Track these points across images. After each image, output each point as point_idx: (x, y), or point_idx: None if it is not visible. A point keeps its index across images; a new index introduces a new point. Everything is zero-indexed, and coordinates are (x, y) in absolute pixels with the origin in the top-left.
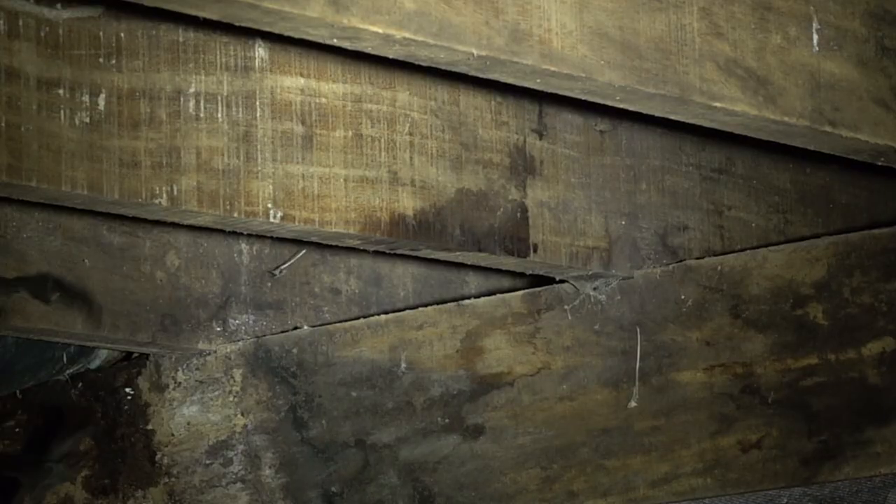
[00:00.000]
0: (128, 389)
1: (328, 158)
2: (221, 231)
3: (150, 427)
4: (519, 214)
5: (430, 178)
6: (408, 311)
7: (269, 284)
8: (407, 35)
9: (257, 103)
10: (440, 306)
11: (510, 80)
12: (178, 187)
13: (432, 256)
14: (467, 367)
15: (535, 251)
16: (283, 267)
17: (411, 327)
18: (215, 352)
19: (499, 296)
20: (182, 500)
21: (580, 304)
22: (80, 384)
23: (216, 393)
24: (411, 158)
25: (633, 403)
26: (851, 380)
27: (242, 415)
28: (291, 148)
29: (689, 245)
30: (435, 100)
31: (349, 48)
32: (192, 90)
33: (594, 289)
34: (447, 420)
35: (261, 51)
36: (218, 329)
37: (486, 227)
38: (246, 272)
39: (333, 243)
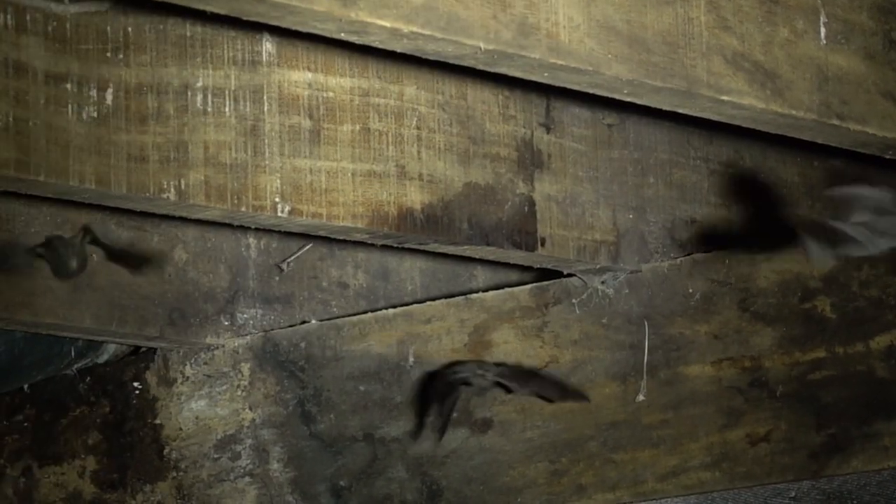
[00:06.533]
0: (136, 384)
1: (336, 152)
2: (229, 225)
3: (158, 421)
4: (527, 208)
5: (437, 172)
6: (416, 305)
7: (277, 278)
8: (414, 29)
9: (265, 97)
10: (448, 300)
11: (518, 74)
12: (185, 182)
13: (440, 251)
14: (475, 360)
15: (542, 245)
16: (289, 260)
17: (419, 321)
18: (223, 346)
19: (507, 290)
20: (190, 494)
21: (588, 298)
22: (88, 378)
23: (224, 387)
24: (419, 152)
25: (641, 397)
26: (859, 373)
27: (250, 409)
28: (299, 142)
29: (696, 239)
30: (442, 94)
31: (357, 42)
32: (199, 84)
33: (602, 282)
34: (455, 414)
35: (268, 45)
36: (226, 323)
37: (494, 220)
38: (254, 266)
39: (341, 237)
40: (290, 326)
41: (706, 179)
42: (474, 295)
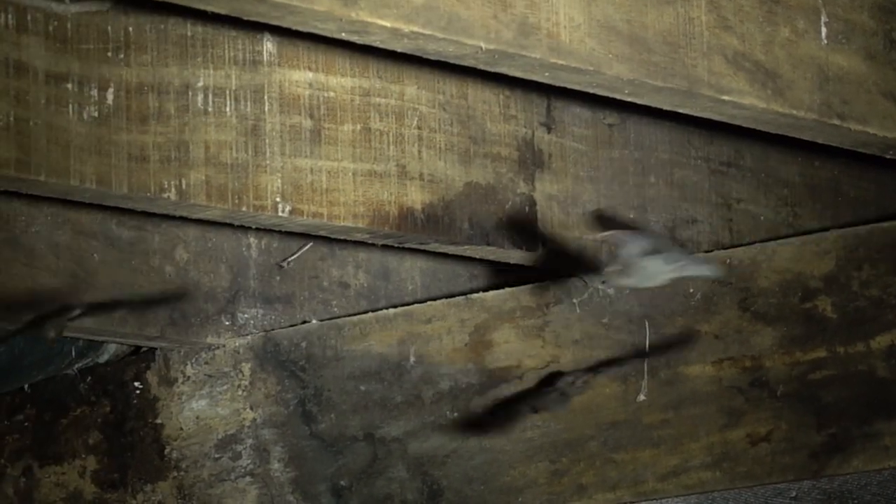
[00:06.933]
0: (136, 383)
1: (336, 152)
2: (230, 225)
3: (158, 421)
4: (527, 208)
5: (438, 172)
6: (416, 305)
7: (278, 278)
8: (415, 29)
9: (266, 97)
10: (449, 300)
11: (518, 74)
12: (186, 181)
13: (440, 250)
14: (476, 360)
15: (543, 245)
16: (290, 259)
17: (420, 321)
18: (224, 346)
19: (507, 289)
20: (191, 493)
21: (589, 298)
22: (89, 378)
23: (225, 387)
24: (419, 152)
25: (641, 397)
26: (860, 373)
27: (251, 409)
28: (300, 142)
29: (697, 238)
30: (443, 93)
31: (357, 42)
32: (200, 84)
33: (603, 282)
34: (456, 413)
35: (269, 45)
36: (226, 323)
37: (495, 220)
38: (254, 266)
39: (342, 237)
40: (291, 326)
41: (707, 179)
42: (475, 295)
